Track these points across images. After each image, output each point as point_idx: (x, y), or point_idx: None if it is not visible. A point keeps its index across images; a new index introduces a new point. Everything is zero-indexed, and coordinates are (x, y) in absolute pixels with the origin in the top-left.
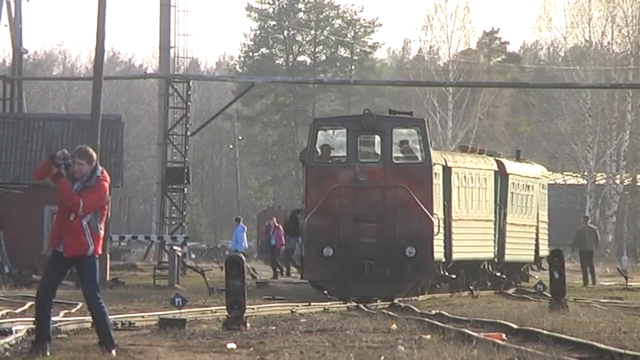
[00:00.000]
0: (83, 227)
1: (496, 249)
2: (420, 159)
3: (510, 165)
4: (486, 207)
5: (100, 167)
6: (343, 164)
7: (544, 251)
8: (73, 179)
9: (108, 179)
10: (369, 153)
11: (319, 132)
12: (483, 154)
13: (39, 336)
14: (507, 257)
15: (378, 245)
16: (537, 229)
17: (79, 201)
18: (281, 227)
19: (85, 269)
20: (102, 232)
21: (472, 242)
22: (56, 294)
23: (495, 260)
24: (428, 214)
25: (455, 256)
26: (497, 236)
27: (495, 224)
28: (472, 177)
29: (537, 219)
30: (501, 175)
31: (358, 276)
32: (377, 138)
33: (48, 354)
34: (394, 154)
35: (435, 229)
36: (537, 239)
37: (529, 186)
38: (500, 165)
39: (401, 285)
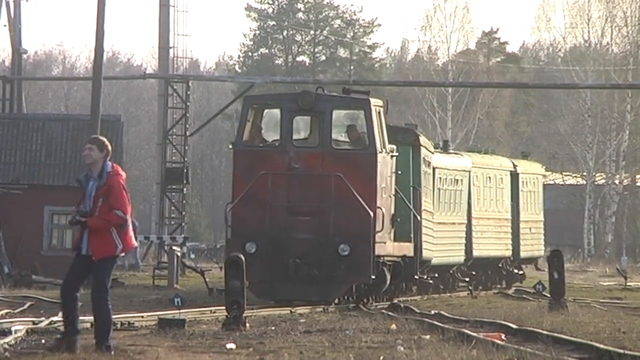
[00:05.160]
0: (109, 230)
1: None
2: (364, 144)
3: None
4: None
5: (109, 162)
6: (276, 149)
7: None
8: (86, 179)
9: (121, 171)
10: (306, 137)
11: (251, 112)
12: None
13: (68, 330)
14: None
15: (310, 242)
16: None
17: (114, 219)
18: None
19: (101, 268)
20: (130, 227)
21: None
22: (79, 289)
23: None
24: (367, 207)
25: None
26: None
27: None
28: None
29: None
30: None
31: (283, 276)
32: (316, 120)
33: (78, 349)
34: (334, 138)
35: (379, 225)
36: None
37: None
38: None
39: (332, 287)
